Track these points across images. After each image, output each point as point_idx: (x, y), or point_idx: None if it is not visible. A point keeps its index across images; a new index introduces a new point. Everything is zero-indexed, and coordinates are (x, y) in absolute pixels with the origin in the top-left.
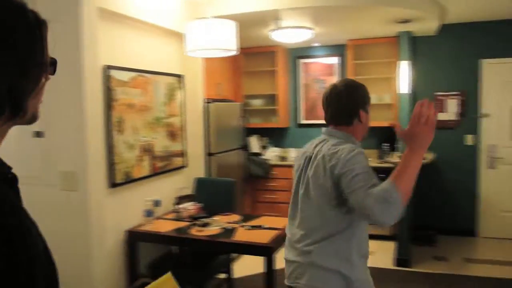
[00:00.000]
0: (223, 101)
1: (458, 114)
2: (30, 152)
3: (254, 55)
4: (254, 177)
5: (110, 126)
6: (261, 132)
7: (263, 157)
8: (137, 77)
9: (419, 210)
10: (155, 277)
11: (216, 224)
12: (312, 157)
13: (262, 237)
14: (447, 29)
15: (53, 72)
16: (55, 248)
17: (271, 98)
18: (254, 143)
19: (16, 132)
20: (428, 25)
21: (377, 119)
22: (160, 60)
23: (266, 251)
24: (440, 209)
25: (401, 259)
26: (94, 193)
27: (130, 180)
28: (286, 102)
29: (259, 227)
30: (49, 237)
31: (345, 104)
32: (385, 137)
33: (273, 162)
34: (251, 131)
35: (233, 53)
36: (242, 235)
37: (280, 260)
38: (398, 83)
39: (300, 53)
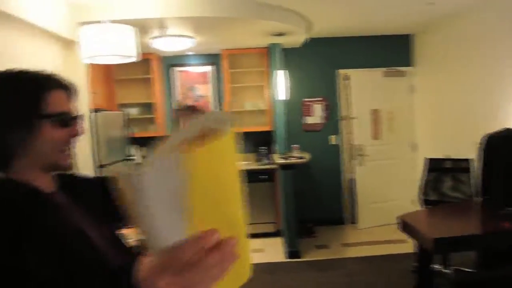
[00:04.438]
0: (99, 110)
1: (324, 118)
2: None
3: (126, 63)
4: None
5: None
6: (138, 141)
7: None
8: None
9: (298, 205)
10: None
11: None
12: None
13: None
14: (309, 42)
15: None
16: None
17: (147, 107)
18: (135, 154)
19: None
20: (296, 38)
21: (252, 125)
22: (40, 67)
23: None
24: (314, 202)
25: (292, 251)
26: None
27: None
28: (163, 110)
29: None
30: None
31: None
32: (262, 141)
33: None
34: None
35: (133, 59)
36: None
37: None
38: (271, 91)
39: (173, 61)
